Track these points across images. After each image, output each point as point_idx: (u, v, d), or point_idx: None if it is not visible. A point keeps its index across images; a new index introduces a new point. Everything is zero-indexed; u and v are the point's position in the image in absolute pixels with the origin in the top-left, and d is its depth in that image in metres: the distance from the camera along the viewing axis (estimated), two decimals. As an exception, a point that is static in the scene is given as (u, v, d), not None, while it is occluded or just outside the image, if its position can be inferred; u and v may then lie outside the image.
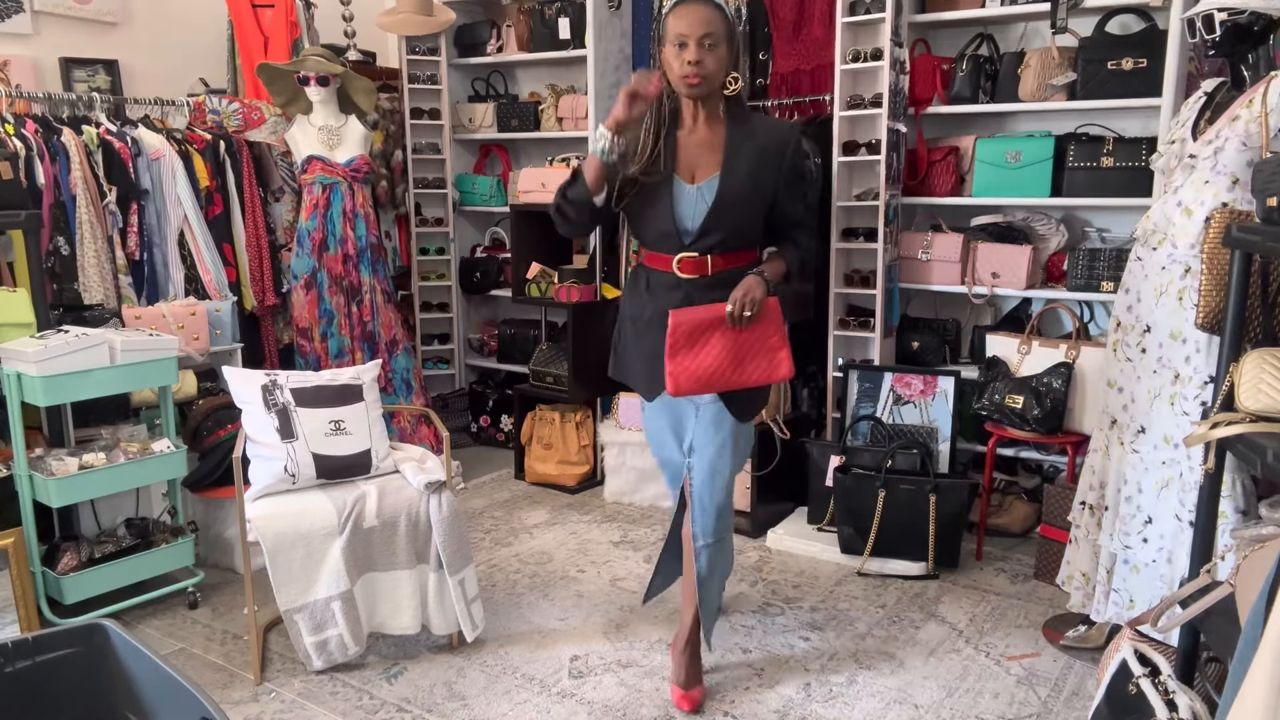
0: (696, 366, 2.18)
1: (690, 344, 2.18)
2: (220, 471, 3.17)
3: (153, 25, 4.15)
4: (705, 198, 2.24)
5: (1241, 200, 2.17)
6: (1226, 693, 1.38)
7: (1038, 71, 3.38)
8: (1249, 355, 1.78)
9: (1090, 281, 3.36)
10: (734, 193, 2.23)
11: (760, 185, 2.26)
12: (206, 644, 2.79)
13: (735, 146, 2.24)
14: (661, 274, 2.32)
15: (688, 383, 2.19)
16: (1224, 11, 2.22)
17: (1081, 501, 2.63)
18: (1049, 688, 2.54)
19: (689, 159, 2.27)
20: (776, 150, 2.27)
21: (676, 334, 2.18)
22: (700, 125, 2.27)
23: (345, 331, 3.90)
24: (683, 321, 2.18)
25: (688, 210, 2.25)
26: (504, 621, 2.92)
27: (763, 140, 2.26)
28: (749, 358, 2.23)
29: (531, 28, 4.50)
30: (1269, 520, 1.97)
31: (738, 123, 2.27)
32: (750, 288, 2.19)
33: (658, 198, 2.26)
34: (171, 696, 1.38)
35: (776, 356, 2.25)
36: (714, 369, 2.19)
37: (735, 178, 2.23)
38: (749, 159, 2.24)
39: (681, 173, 2.26)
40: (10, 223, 2.84)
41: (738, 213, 2.25)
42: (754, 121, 2.30)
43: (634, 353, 2.41)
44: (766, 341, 2.24)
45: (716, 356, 2.19)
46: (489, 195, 4.77)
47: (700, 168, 2.26)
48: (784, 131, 2.33)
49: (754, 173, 2.24)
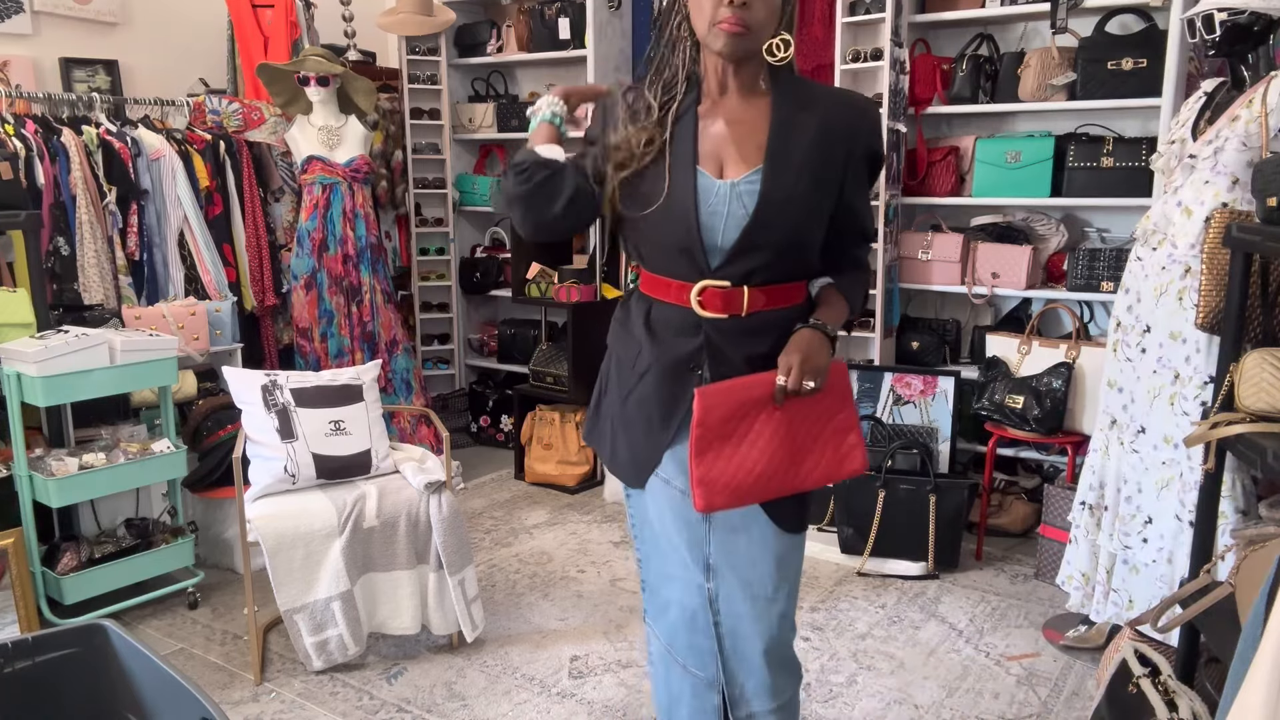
0: (736, 470, 1.49)
1: (726, 436, 1.48)
2: (220, 471, 3.17)
3: (153, 25, 4.15)
4: (743, 201, 1.50)
5: (1241, 200, 2.17)
6: (1226, 693, 1.38)
7: (1038, 71, 3.38)
8: (1249, 355, 1.78)
9: (1090, 281, 3.36)
10: (785, 192, 1.50)
11: (822, 182, 1.53)
12: (206, 644, 2.79)
13: (785, 126, 1.52)
14: (671, 309, 1.57)
15: (724, 494, 1.49)
16: (1224, 11, 2.22)
17: (1081, 501, 2.63)
18: (1049, 688, 2.54)
19: (714, 144, 1.54)
20: (845, 130, 1.55)
21: (707, 423, 1.47)
22: (732, 97, 1.55)
23: (345, 332, 3.90)
24: (716, 404, 1.47)
25: (715, 218, 1.51)
26: (504, 622, 2.92)
27: (825, 116, 1.54)
28: (808, 448, 1.54)
29: (531, 28, 4.50)
30: (1269, 520, 1.97)
31: (787, 95, 1.55)
32: (810, 349, 1.49)
33: (670, 197, 1.52)
34: (171, 696, 1.38)
35: (845, 442, 1.57)
36: (760, 472, 1.50)
37: (787, 170, 1.50)
38: (806, 143, 1.52)
39: (704, 163, 1.53)
40: (10, 223, 2.84)
41: (791, 222, 1.52)
42: (808, 90, 1.58)
43: (618, 416, 1.66)
44: (831, 421, 1.55)
45: (763, 452, 1.50)
46: (489, 195, 4.77)
47: (732, 157, 1.53)
48: (854, 103, 1.61)
49: (813, 163, 1.52)
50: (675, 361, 1.57)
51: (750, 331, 1.55)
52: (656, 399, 1.58)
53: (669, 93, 1.56)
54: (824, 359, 1.51)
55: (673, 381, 1.57)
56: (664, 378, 1.58)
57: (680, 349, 1.57)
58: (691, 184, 1.52)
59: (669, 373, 1.57)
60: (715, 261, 1.53)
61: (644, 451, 1.61)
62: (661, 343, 1.59)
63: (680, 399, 1.56)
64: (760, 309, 1.55)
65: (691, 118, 1.56)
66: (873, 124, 1.60)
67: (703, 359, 1.55)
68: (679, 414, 1.56)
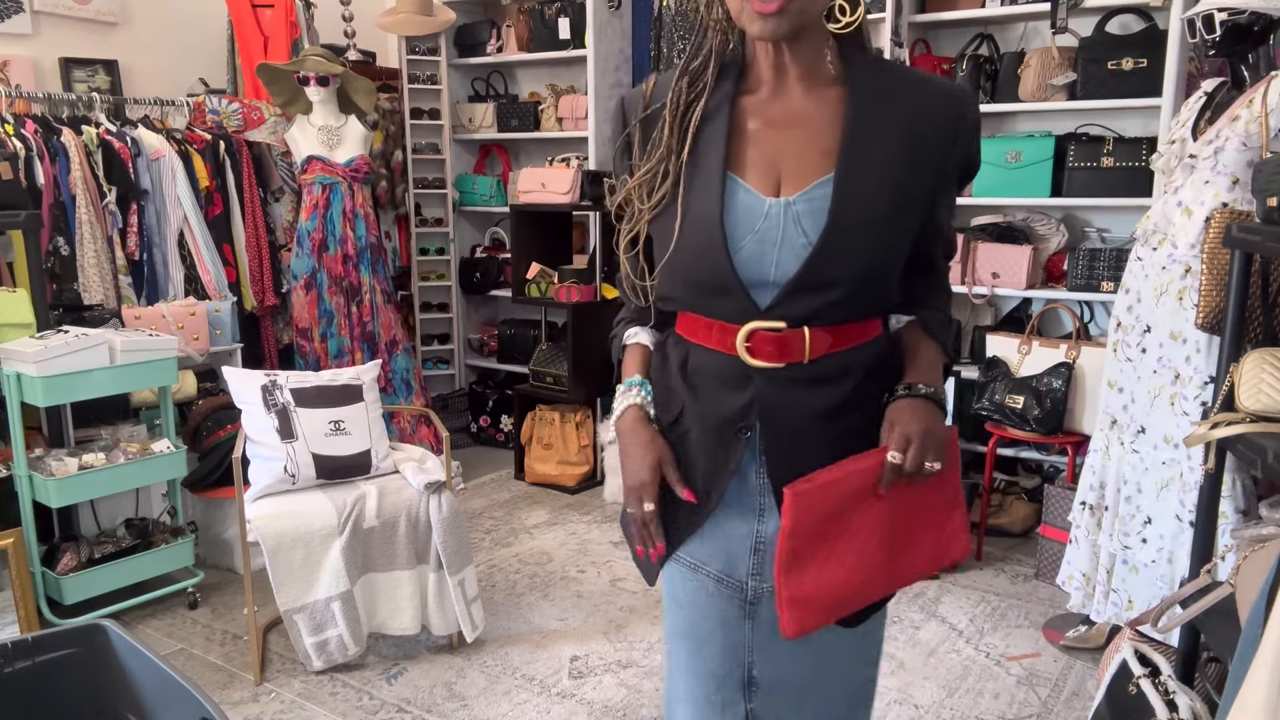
0: (831, 579, 1.18)
1: (819, 540, 1.17)
2: (220, 472, 3.17)
3: (153, 25, 4.15)
4: (802, 224, 1.15)
5: (1242, 200, 2.17)
6: (1227, 693, 1.38)
7: (1038, 71, 3.38)
8: (1249, 355, 1.78)
9: (1090, 281, 3.36)
10: (862, 214, 1.15)
11: (909, 199, 1.18)
12: (206, 644, 2.79)
13: (864, 125, 1.16)
14: (712, 356, 1.24)
15: (819, 612, 1.19)
16: (1224, 11, 2.22)
17: (1082, 502, 2.63)
18: (1049, 688, 2.54)
19: (767, 150, 1.19)
20: (941, 130, 1.18)
21: (799, 529, 1.15)
22: (792, 87, 1.20)
23: (345, 332, 3.90)
24: (812, 506, 1.15)
25: (765, 247, 1.16)
26: (504, 622, 2.92)
27: (914, 111, 1.18)
28: (910, 537, 1.23)
29: (531, 28, 4.50)
30: (1269, 520, 1.97)
31: (866, 82, 1.19)
32: (929, 420, 1.18)
33: (687, 221, 1.19)
34: (171, 697, 1.38)
35: (949, 524, 1.26)
36: (861, 578, 1.20)
37: (865, 185, 1.15)
38: (890, 148, 1.16)
39: (749, 175, 1.18)
40: (10, 223, 2.84)
41: (868, 252, 1.16)
42: (889, 76, 1.21)
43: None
44: (936, 500, 1.24)
45: (863, 552, 1.19)
46: (489, 195, 4.77)
47: (790, 166, 1.18)
48: (952, 95, 1.21)
49: (898, 175, 1.16)
50: (720, 421, 1.23)
51: (814, 381, 1.21)
52: (698, 466, 1.25)
53: (695, 87, 1.22)
54: (944, 431, 1.19)
55: (716, 444, 1.24)
56: (705, 440, 1.25)
57: (725, 405, 1.23)
58: (716, 203, 1.16)
59: (711, 434, 1.24)
60: (767, 299, 1.18)
61: (676, 526, 1.30)
62: (702, 397, 1.25)
63: (723, 465, 1.24)
64: (826, 353, 1.20)
65: (724, 116, 1.20)
66: (974, 123, 1.22)
67: (753, 417, 1.21)
68: (721, 485, 1.24)
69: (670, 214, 1.20)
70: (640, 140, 1.26)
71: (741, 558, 1.27)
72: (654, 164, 1.21)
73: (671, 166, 1.21)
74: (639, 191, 1.23)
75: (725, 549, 1.27)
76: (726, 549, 1.27)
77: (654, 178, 1.22)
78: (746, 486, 1.25)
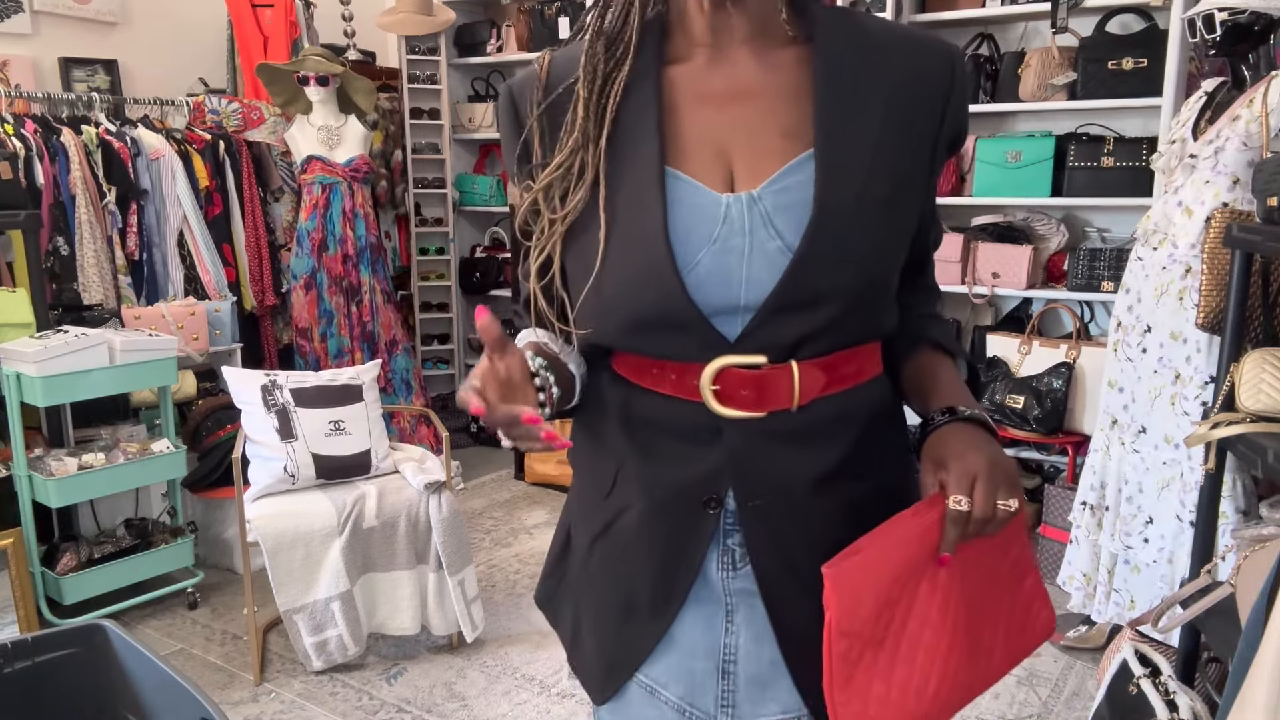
0: (902, 690, 0.86)
1: (879, 638, 0.85)
2: (220, 472, 3.16)
3: (152, 25, 4.15)
4: (779, 222, 0.85)
5: (1242, 200, 2.17)
6: (1227, 693, 1.38)
7: (1038, 71, 3.38)
8: (1249, 355, 1.78)
9: (1091, 281, 3.36)
10: (854, 198, 0.85)
11: (905, 170, 0.89)
12: (206, 644, 2.79)
13: (840, 86, 0.87)
14: (664, 403, 0.91)
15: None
16: (1224, 11, 2.22)
17: (1082, 502, 2.62)
18: (1049, 688, 2.54)
19: (711, 132, 0.89)
20: (930, 87, 0.90)
21: (849, 624, 0.83)
22: (734, 52, 0.90)
23: (345, 332, 3.90)
24: (864, 591, 0.84)
25: (732, 258, 0.85)
26: (504, 622, 2.92)
27: (897, 65, 0.89)
28: (988, 615, 0.91)
29: (531, 27, 4.50)
30: (1269, 520, 1.97)
31: (832, 34, 0.90)
32: (988, 450, 0.91)
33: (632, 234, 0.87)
34: (171, 697, 1.38)
35: (1023, 590, 0.95)
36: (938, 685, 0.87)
37: (857, 158, 0.86)
38: (874, 110, 0.87)
39: (693, 166, 0.88)
40: (10, 223, 2.84)
41: (868, 248, 0.87)
42: (858, 26, 0.91)
43: (580, 578, 1.03)
44: (1004, 563, 0.94)
45: (934, 645, 0.86)
46: (489, 195, 4.77)
47: (745, 150, 0.88)
48: (937, 52, 0.92)
49: (891, 147, 0.88)
50: (677, 492, 0.90)
51: (806, 435, 0.89)
52: (645, 555, 0.93)
53: (614, 54, 0.92)
54: (1009, 462, 0.91)
55: (672, 525, 0.91)
56: (657, 518, 0.91)
57: (685, 470, 0.90)
58: (657, 206, 0.85)
59: (665, 510, 0.91)
60: (737, 328, 0.86)
61: (618, 643, 0.99)
62: (654, 458, 0.92)
63: (687, 554, 0.91)
64: (820, 394, 0.88)
65: (651, 92, 0.89)
66: (965, 86, 0.93)
67: (725, 486, 0.89)
68: (684, 581, 0.92)
69: (591, 227, 0.87)
70: (542, 136, 0.93)
71: (706, 683, 0.94)
72: (565, 156, 0.89)
73: (590, 160, 0.88)
74: (547, 199, 0.90)
75: (685, 669, 0.95)
76: (687, 669, 0.95)
77: (566, 175, 0.89)
78: (708, 581, 0.92)
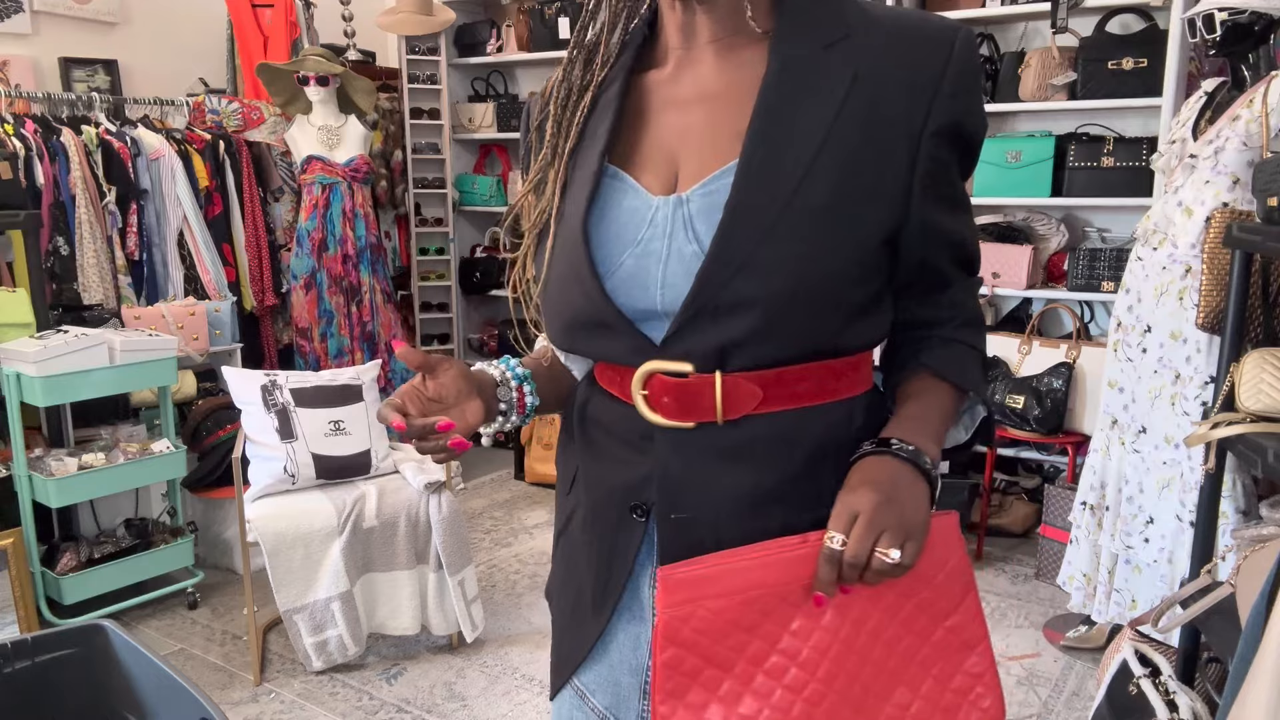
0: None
1: (724, 664, 0.79)
2: (220, 471, 3.17)
3: (152, 25, 4.15)
4: (698, 225, 0.84)
5: (1242, 200, 2.17)
6: (1227, 693, 1.38)
7: (1038, 71, 3.38)
8: (1249, 355, 1.77)
9: (1091, 281, 3.36)
10: (772, 203, 0.80)
11: (859, 182, 0.82)
12: (206, 644, 2.79)
13: (786, 85, 0.83)
14: (609, 404, 0.92)
15: None
16: (1224, 11, 2.22)
17: (1082, 502, 2.62)
18: (1049, 688, 2.54)
19: (667, 136, 0.89)
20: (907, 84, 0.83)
21: (681, 638, 0.79)
22: (700, 54, 0.89)
23: (345, 332, 3.90)
24: (698, 601, 0.79)
25: (650, 261, 0.85)
26: (504, 622, 2.92)
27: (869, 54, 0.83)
28: (888, 684, 0.83)
29: (531, 27, 4.50)
30: (1269, 520, 1.97)
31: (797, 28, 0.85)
32: (892, 488, 0.80)
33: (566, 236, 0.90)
34: (171, 697, 1.38)
35: (958, 670, 0.85)
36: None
37: (781, 163, 0.81)
38: (826, 113, 0.82)
39: (641, 170, 0.89)
40: (10, 223, 2.84)
41: (789, 255, 0.80)
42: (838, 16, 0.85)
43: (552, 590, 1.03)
44: (936, 630, 0.84)
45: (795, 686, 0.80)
46: (489, 195, 4.77)
47: (694, 153, 0.87)
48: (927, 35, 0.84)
49: (841, 148, 0.81)
50: (609, 495, 0.89)
51: (738, 452, 0.84)
52: (585, 557, 0.93)
53: (591, 67, 0.93)
54: (916, 508, 0.80)
55: (605, 529, 0.90)
56: (596, 520, 0.91)
57: (621, 472, 0.88)
58: (581, 208, 0.87)
59: (602, 513, 0.90)
60: (661, 331, 0.84)
61: (564, 642, 0.98)
62: (599, 458, 0.92)
63: (616, 561, 0.90)
64: (754, 412, 0.83)
65: (616, 95, 0.90)
66: (967, 70, 0.83)
67: (650, 494, 0.87)
68: (614, 588, 0.90)
69: (547, 234, 0.91)
70: (537, 152, 0.96)
71: (630, 699, 0.91)
72: (536, 171, 0.93)
73: (555, 173, 0.91)
74: (525, 212, 0.95)
75: (613, 680, 0.92)
76: (614, 681, 0.92)
77: (537, 188, 0.93)
78: (639, 597, 0.90)
